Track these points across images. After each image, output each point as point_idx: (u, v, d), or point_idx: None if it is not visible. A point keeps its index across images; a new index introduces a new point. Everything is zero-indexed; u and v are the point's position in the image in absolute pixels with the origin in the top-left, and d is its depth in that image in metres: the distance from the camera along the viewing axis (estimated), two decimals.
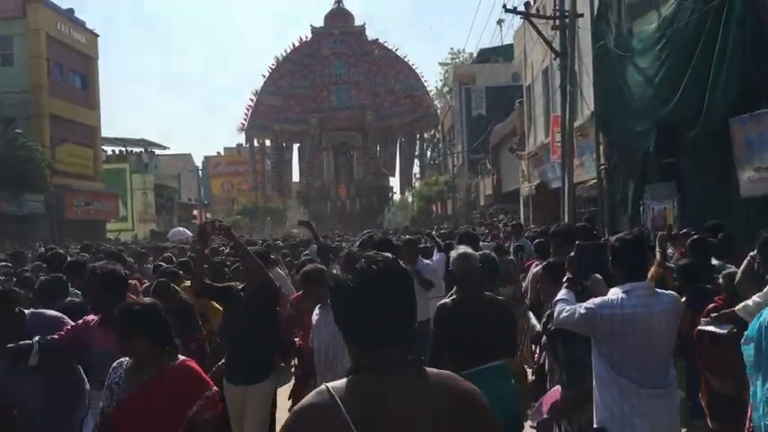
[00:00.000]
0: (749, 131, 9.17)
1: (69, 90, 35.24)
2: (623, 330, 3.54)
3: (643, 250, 3.87)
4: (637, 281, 3.64)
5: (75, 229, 31.52)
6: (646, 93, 12.47)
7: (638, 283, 3.64)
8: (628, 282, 3.62)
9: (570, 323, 3.77)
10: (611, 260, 3.76)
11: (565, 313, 3.76)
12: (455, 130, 49.66)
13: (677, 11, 11.21)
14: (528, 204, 25.12)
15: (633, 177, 14.00)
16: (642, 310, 3.54)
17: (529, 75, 24.48)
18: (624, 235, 3.85)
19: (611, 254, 3.77)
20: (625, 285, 3.61)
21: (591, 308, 3.62)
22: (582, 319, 3.65)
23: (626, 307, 3.54)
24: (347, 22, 59.07)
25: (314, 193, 56.11)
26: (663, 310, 3.62)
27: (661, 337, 3.63)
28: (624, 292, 3.59)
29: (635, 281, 3.63)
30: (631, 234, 3.86)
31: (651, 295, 3.65)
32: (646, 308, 3.55)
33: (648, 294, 3.64)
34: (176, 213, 52.03)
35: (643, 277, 3.77)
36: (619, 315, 3.54)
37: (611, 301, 3.60)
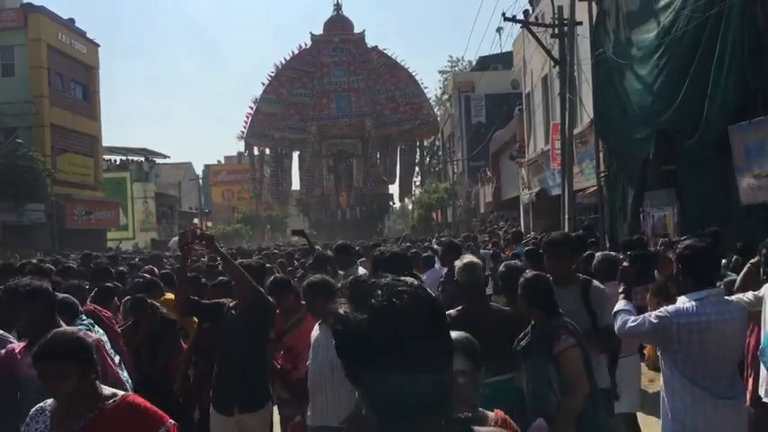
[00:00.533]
0: (748, 139, 9.23)
1: (70, 100, 35.32)
2: (700, 339, 3.47)
3: (718, 257, 3.85)
4: (710, 287, 3.59)
5: (76, 239, 31.50)
6: (645, 100, 12.54)
7: (711, 290, 3.58)
8: (698, 289, 3.55)
9: (640, 333, 3.72)
10: (681, 267, 3.68)
11: (631, 323, 3.70)
12: (455, 138, 49.74)
13: (675, 20, 11.30)
14: (528, 212, 25.15)
15: (633, 184, 14.06)
16: (717, 317, 3.48)
17: (528, 82, 24.55)
18: (696, 242, 3.77)
19: (680, 261, 3.69)
20: (699, 292, 3.53)
21: (665, 316, 3.56)
22: (655, 328, 3.58)
23: (701, 314, 3.47)
24: (347, 29, 58.85)
25: (314, 202, 55.86)
26: (735, 318, 3.57)
27: (734, 345, 3.60)
28: (696, 299, 3.52)
29: (708, 287, 3.57)
30: (704, 241, 3.79)
31: (723, 303, 3.60)
32: (720, 315, 3.49)
33: (721, 302, 3.59)
34: (177, 222, 52.05)
35: (714, 285, 3.70)
36: (695, 323, 3.47)
37: (685, 309, 3.52)
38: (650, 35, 12.20)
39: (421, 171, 62.88)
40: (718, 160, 10.58)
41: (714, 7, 10.23)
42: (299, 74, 56.80)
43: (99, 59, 38.19)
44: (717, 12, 10.30)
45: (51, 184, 30.79)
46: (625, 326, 3.73)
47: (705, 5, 10.46)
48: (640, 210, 13.70)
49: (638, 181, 13.82)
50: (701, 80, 10.76)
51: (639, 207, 13.71)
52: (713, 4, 10.32)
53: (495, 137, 33.63)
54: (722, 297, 3.64)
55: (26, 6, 32.58)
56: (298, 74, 56.82)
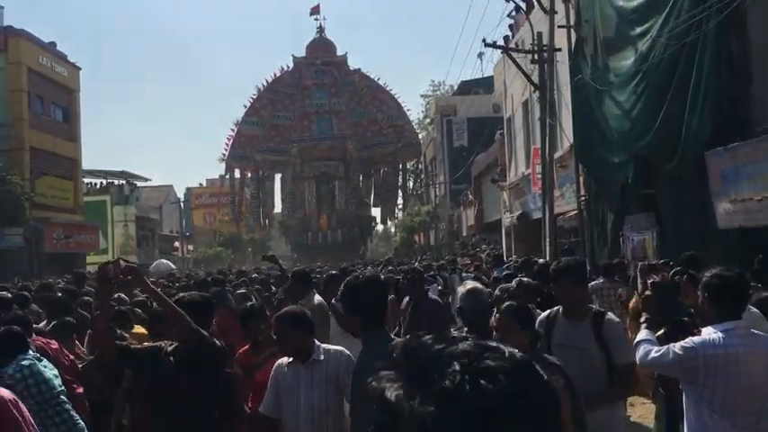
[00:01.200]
0: (724, 164, 9.35)
1: (50, 123, 35.10)
2: (726, 372, 3.32)
3: (746, 287, 3.66)
4: (737, 319, 3.44)
5: (55, 263, 31.13)
6: (623, 126, 12.69)
7: (739, 321, 3.43)
8: (724, 320, 3.40)
9: (664, 364, 3.58)
10: (708, 296, 3.52)
11: (654, 354, 3.56)
12: (437, 161, 49.99)
13: (653, 46, 11.47)
14: (510, 235, 25.25)
15: (612, 208, 14.17)
16: (744, 349, 3.33)
17: (509, 107, 24.79)
18: (724, 271, 3.57)
19: (707, 289, 3.52)
20: (725, 324, 3.38)
21: (691, 347, 3.39)
22: (679, 360, 3.43)
23: (728, 347, 3.32)
24: (329, 52, 59.09)
25: (295, 224, 55.70)
26: (763, 352, 3.40)
27: (763, 379, 3.40)
28: (723, 331, 3.36)
29: (735, 319, 3.43)
30: (733, 270, 3.61)
31: (750, 335, 3.44)
32: (748, 347, 3.34)
33: (748, 334, 3.43)
34: (158, 245, 51.67)
35: (741, 316, 3.53)
36: (722, 355, 3.32)
37: (711, 340, 3.37)
38: (628, 62, 12.39)
39: (404, 194, 62.87)
40: (696, 185, 10.70)
41: (690, 35, 10.42)
42: (280, 96, 56.95)
43: (80, 82, 38.08)
44: (692, 39, 10.49)
45: (30, 208, 30.47)
46: (648, 356, 3.61)
47: (681, 33, 10.64)
48: (620, 233, 13.79)
49: (618, 205, 13.94)
50: (677, 106, 10.92)
51: (619, 231, 13.80)
52: (689, 32, 10.50)
53: (477, 160, 33.85)
54: (750, 329, 3.49)
55: (7, 29, 32.44)
56: (279, 96, 56.96)
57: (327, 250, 49.81)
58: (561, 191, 18.18)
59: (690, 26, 10.52)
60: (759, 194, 8.46)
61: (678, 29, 10.53)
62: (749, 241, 9.58)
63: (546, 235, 16.08)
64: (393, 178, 60.24)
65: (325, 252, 48.20)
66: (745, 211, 9.00)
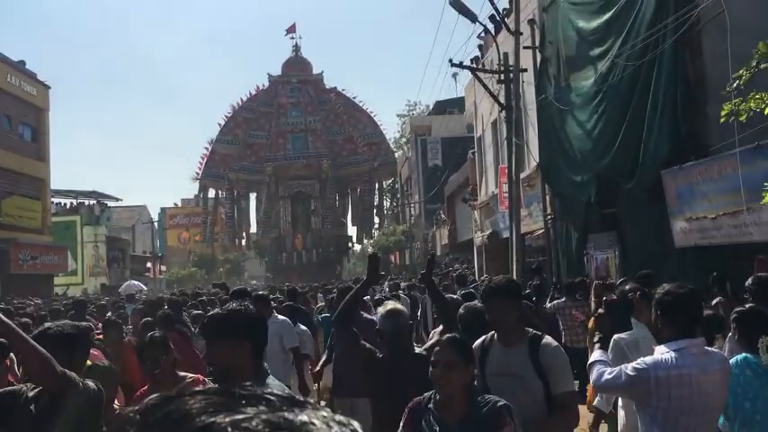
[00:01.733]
0: (679, 183, 9.42)
1: (18, 142, 34.59)
2: (680, 394, 3.23)
3: (699, 304, 3.56)
4: (690, 337, 3.32)
5: (22, 284, 30.51)
6: (585, 145, 12.77)
7: (693, 339, 3.32)
8: (678, 338, 3.30)
9: (617, 386, 3.48)
10: (660, 314, 3.41)
11: (608, 375, 3.45)
12: (412, 180, 50.07)
13: (612, 67, 11.58)
14: (481, 254, 25.26)
15: (576, 227, 14.22)
16: (697, 370, 3.24)
17: (479, 126, 24.91)
18: (676, 287, 3.46)
19: (659, 307, 3.41)
20: (677, 342, 3.28)
21: (643, 369, 3.29)
22: (632, 382, 3.33)
23: (681, 367, 3.23)
24: (305, 70, 58.65)
25: (269, 244, 55.04)
26: (716, 371, 3.32)
27: (714, 399, 3.34)
28: (675, 350, 3.27)
29: (688, 337, 3.32)
30: (685, 287, 3.49)
31: (704, 354, 3.34)
32: (701, 368, 3.25)
33: (702, 353, 3.32)
34: (129, 266, 51.01)
35: (695, 333, 3.41)
36: (675, 376, 3.23)
37: (664, 360, 3.27)
38: (588, 82, 12.50)
39: (379, 213, 62.60)
40: (655, 204, 10.79)
41: (646, 55, 10.53)
42: (255, 114, 56.45)
43: (50, 101, 37.63)
44: (650, 61, 10.60)
45: None
46: (601, 378, 3.48)
47: (638, 54, 10.77)
48: (584, 252, 13.84)
49: (582, 224, 14.00)
50: (636, 126, 11.03)
51: (583, 249, 13.85)
52: (646, 53, 10.63)
53: (451, 180, 33.94)
54: (703, 348, 3.38)
55: None
56: (255, 114, 56.47)
57: (303, 270, 49.38)
58: (529, 210, 18.23)
59: (647, 47, 10.65)
60: (713, 213, 8.52)
61: (635, 50, 10.65)
62: (706, 260, 9.64)
63: (513, 254, 16.05)
64: (369, 197, 59.92)
65: (301, 272, 47.78)
66: (700, 229, 9.06)
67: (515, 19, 16.00)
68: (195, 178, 55.90)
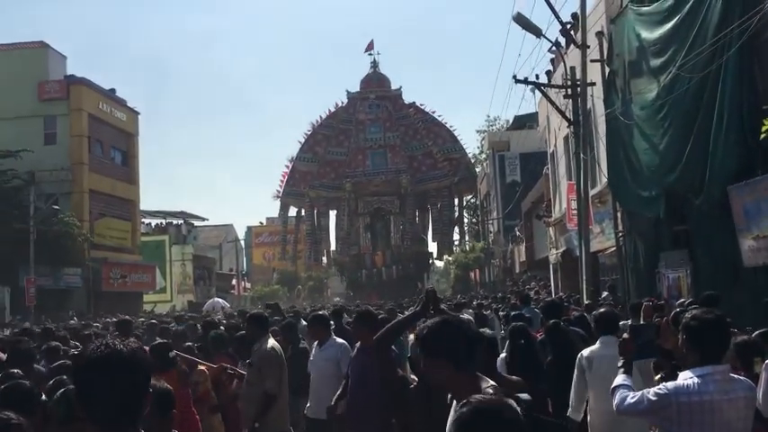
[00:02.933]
0: (746, 199, 8.93)
1: (109, 166, 36.51)
2: (702, 420, 3.20)
3: (726, 330, 3.51)
4: (714, 364, 3.30)
5: (111, 302, 32.04)
6: (652, 160, 12.32)
7: (717, 366, 3.30)
8: (702, 364, 3.28)
9: (639, 411, 3.44)
10: (686, 339, 3.40)
11: (630, 400, 3.43)
12: (491, 197, 49.53)
13: (676, 78, 11.12)
14: (557, 271, 24.67)
15: (647, 245, 13.69)
16: (720, 396, 3.21)
17: (552, 141, 24.44)
18: (703, 313, 3.47)
19: (685, 332, 3.40)
20: (702, 368, 3.27)
21: (665, 394, 3.28)
22: (654, 407, 3.31)
23: (704, 393, 3.20)
24: (383, 86, 58.43)
25: (349, 261, 54.91)
26: (741, 398, 3.29)
27: (738, 427, 3.29)
28: (699, 376, 3.25)
29: (712, 364, 3.29)
30: (712, 313, 3.48)
31: (728, 381, 3.31)
32: (724, 394, 3.23)
33: (726, 380, 3.30)
34: (215, 284, 52.60)
35: (721, 360, 3.38)
36: (697, 402, 3.20)
37: (686, 386, 3.25)
38: (652, 94, 12.05)
39: (460, 228, 61.73)
40: (725, 220, 10.24)
41: (711, 66, 10.07)
42: (334, 132, 56.57)
43: (138, 126, 39.54)
44: (716, 71, 10.13)
45: (88, 249, 31.59)
46: (624, 402, 3.46)
47: (703, 64, 10.30)
48: (656, 271, 13.29)
49: (653, 241, 13.46)
50: (703, 139, 10.53)
51: (655, 268, 13.30)
52: (711, 63, 10.16)
53: (527, 196, 33.41)
54: (728, 374, 3.34)
55: (69, 78, 34.12)
56: (334, 132, 56.60)
57: (383, 287, 49.27)
58: (601, 226, 17.69)
59: (712, 56, 10.19)
60: None
61: (699, 59, 10.20)
62: None
63: (582, 272, 15.60)
64: (449, 213, 59.12)
65: (381, 289, 47.77)
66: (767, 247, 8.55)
67: (582, 31, 15.66)
68: (276, 196, 56.36)
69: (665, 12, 11.79)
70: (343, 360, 6.25)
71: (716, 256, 11.01)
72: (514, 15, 15.96)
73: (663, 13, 11.89)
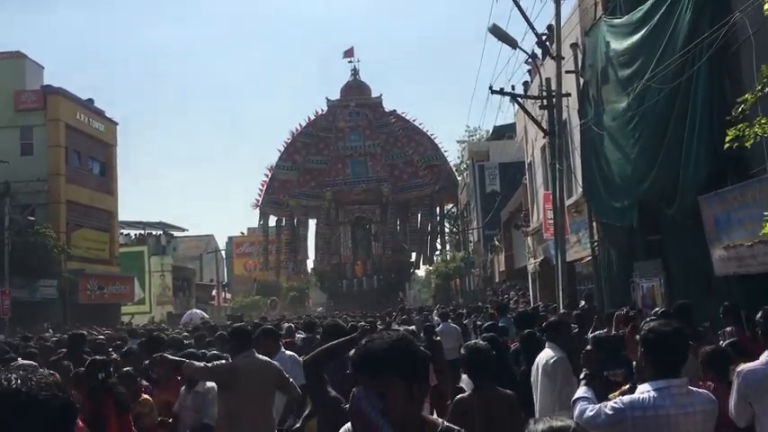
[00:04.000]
0: (716, 210, 9.03)
1: (87, 177, 36.18)
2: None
3: (683, 343, 3.44)
4: (671, 377, 3.26)
5: (89, 314, 31.66)
6: (624, 170, 12.44)
7: (673, 380, 3.25)
8: (659, 377, 3.26)
9: (597, 425, 3.38)
10: (643, 352, 3.38)
11: (589, 413, 3.39)
12: (470, 207, 49.71)
13: (647, 89, 11.25)
14: (535, 281, 24.77)
15: (620, 254, 13.80)
16: (677, 411, 3.17)
17: (530, 152, 24.60)
18: (660, 325, 3.43)
19: (643, 345, 3.38)
20: (657, 382, 3.24)
21: (620, 408, 3.25)
22: (609, 421, 3.26)
23: (659, 408, 3.17)
24: (363, 94, 58.00)
25: (329, 271, 54.45)
26: (698, 412, 3.24)
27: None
28: (656, 389, 3.22)
29: (670, 377, 3.26)
30: (670, 325, 3.45)
31: (686, 394, 3.26)
32: (681, 408, 3.18)
33: (683, 393, 3.25)
34: (194, 295, 52.21)
35: (678, 373, 3.33)
36: (652, 417, 3.16)
37: (641, 400, 3.22)
38: (623, 105, 12.17)
39: (441, 238, 61.41)
40: (697, 230, 10.34)
41: (682, 77, 10.20)
42: (314, 140, 56.05)
43: (117, 137, 39.28)
44: (686, 82, 10.26)
45: (65, 260, 31.23)
46: (582, 415, 3.41)
47: (673, 75, 10.43)
48: (630, 280, 13.39)
49: (627, 251, 13.56)
50: (675, 150, 10.66)
51: (629, 277, 13.40)
52: (681, 74, 10.29)
53: (506, 206, 33.57)
54: (686, 387, 3.29)
55: (46, 88, 33.83)
56: (313, 140, 56.06)
57: (363, 297, 48.97)
58: (578, 236, 17.81)
59: (683, 68, 10.32)
60: (749, 240, 8.10)
61: (669, 71, 10.32)
62: (749, 288, 9.17)
63: (558, 281, 15.67)
64: (431, 221, 58.39)
65: (362, 299, 47.50)
66: (738, 257, 8.64)
67: (557, 43, 15.79)
68: (255, 206, 55.67)
69: (636, 23, 11.94)
70: (294, 374, 5.86)
71: (688, 266, 11.11)
72: (490, 27, 16.05)
73: (633, 25, 12.04)
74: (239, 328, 6.12)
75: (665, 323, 3.57)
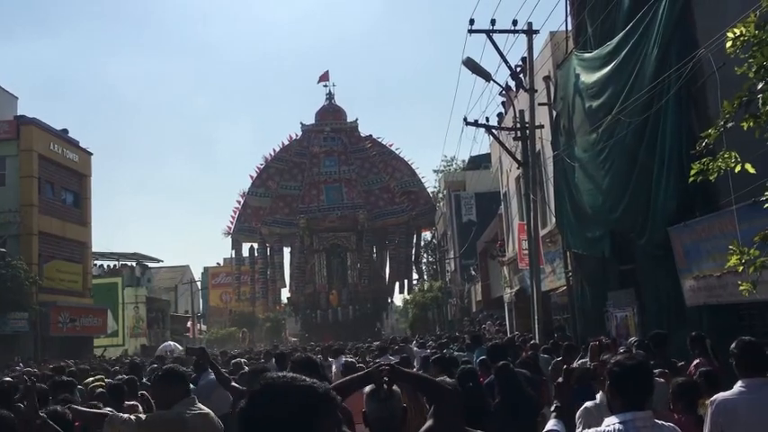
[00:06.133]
0: (685, 240, 9.16)
1: (60, 208, 35.73)
2: None
3: (648, 377, 3.49)
4: (636, 410, 3.26)
5: (60, 347, 31.14)
6: (596, 200, 12.60)
7: (638, 412, 3.25)
8: (625, 410, 3.26)
9: None
10: (609, 384, 3.40)
11: None
12: (447, 236, 49.82)
13: (616, 122, 11.46)
14: (512, 310, 24.84)
15: (594, 284, 13.91)
16: None
17: (504, 182, 24.82)
18: (625, 359, 3.48)
19: (609, 377, 3.40)
20: (624, 414, 3.24)
21: None
22: None
23: None
24: (339, 118, 57.03)
25: (303, 300, 53.34)
26: None
27: None
28: (621, 422, 3.22)
29: (634, 410, 3.26)
30: (634, 359, 3.50)
31: (651, 427, 3.26)
32: None
33: (648, 426, 3.25)
34: (169, 327, 51.49)
35: (643, 407, 3.33)
36: None
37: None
38: (593, 136, 12.38)
39: (417, 267, 60.25)
40: (668, 260, 10.48)
41: (650, 110, 10.41)
42: (288, 165, 54.96)
43: (92, 167, 38.89)
44: (654, 115, 10.47)
45: (36, 292, 30.69)
46: None
47: (642, 108, 10.65)
48: (604, 310, 13.49)
49: (600, 281, 13.69)
50: (644, 181, 10.83)
51: (603, 307, 13.50)
52: (650, 107, 10.50)
53: (482, 236, 33.72)
54: (650, 420, 3.30)
55: (19, 118, 33.52)
56: (287, 165, 54.96)
57: (339, 328, 48.20)
58: (552, 266, 17.94)
59: (650, 101, 10.54)
60: (718, 271, 8.22)
61: (637, 104, 10.53)
62: (720, 318, 9.30)
63: (534, 311, 15.74)
64: (407, 249, 57.47)
65: (338, 330, 46.77)
66: (707, 287, 8.76)
67: (530, 76, 16.08)
68: (227, 233, 54.49)
69: (605, 57, 12.19)
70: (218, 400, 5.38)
71: (661, 296, 11.23)
72: (464, 60, 16.29)
73: (603, 59, 12.29)
74: (169, 370, 4.80)
75: (629, 357, 3.62)
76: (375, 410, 3.13)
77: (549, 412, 3.97)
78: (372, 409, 3.13)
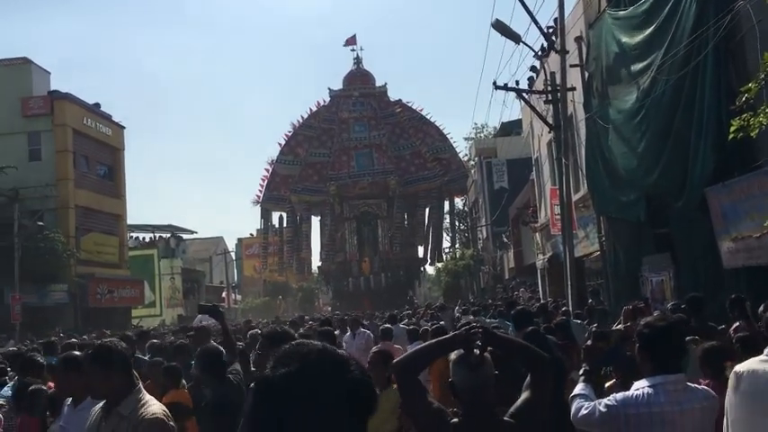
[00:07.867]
0: (723, 201, 8.91)
1: (95, 181, 36.28)
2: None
3: (679, 339, 3.42)
4: (667, 373, 3.17)
5: (100, 317, 31.79)
6: (630, 163, 12.33)
7: (669, 375, 3.16)
8: (655, 373, 3.17)
9: (591, 422, 3.30)
10: (639, 347, 3.30)
11: (584, 411, 3.31)
12: (479, 204, 49.40)
13: (654, 82, 11.13)
14: (544, 277, 24.64)
15: (629, 249, 13.68)
16: (672, 408, 3.09)
17: (536, 147, 24.47)
18: (655, 320, 3.38)
19: (639, 340, 3.31)
20: (654, 378, 3.16)
21: (613, 405, 3.18)
22: (603, 419, 3.19)
23: (653, 405, 3.08)
24: (367, 83, 55.19)
25: (335, 269, 52.25)
26: (696, 409, 3.14)
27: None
28: (651, 385, 3.14)
29: (665, 373, 3.16)
30: (665, 320, 3.41)
31: (682, 391, 3.17)
32: (677, 405, 3.10)
33: (679, 390, 3.16)
34: (204, 297, 52.28)
35: (676, 369, 3.25)
36: (646, 414, 3.08)
37: (635, 397, 3.15)
38: (631, 97, 12.06)
39: (452, 233, 58.80)
40: (707, 223, 10.23)
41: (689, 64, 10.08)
42: (317, 132, 53.40)
43: (124, 141, 39.33)
44: (692, 73, 10.14)
45: (75, 265, 31.34)
46: (578, 413, 3.33)
47: (679, 66, 10.32)
48: (639, 275, 13.28)
49: (635, 245, 13.45)
50: (682, 142, 10.56)
51: (637, 272, 13.29)
52: (687, 65, 10.17)
53: (515, 202, 33.45)
54: (682, 383, 3.20)
55: (52, 93, 33.92)
56: (316, 132, 53.39)
57: (372, 296, 47.56)
58: (585, 231, 17.69)
59: (688, 59, 10.20)
60: (757, 231, 7.98)
61: (675, 61, 10.21)
62: (760, 280, 9.06)
63: (567, 277, 15.56)
64: (439, 215, 55.96)
65: (371, 298, 46.31)
66: (746, 249, 8.53)
67: (561, 37, 15.68)
68: (256, 202, 53.11)
69: (642, 15, 11.83)
70: None
71: (698, 259, 11.00)
72: (493, 22, 15.96)
73: (639, 17, 11.93)
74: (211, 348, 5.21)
75: (660, 318, 3.52)
76: (465, 379, 2.89)
77: (578, 376, 3.88)
78: (462, 378, 2.89)
